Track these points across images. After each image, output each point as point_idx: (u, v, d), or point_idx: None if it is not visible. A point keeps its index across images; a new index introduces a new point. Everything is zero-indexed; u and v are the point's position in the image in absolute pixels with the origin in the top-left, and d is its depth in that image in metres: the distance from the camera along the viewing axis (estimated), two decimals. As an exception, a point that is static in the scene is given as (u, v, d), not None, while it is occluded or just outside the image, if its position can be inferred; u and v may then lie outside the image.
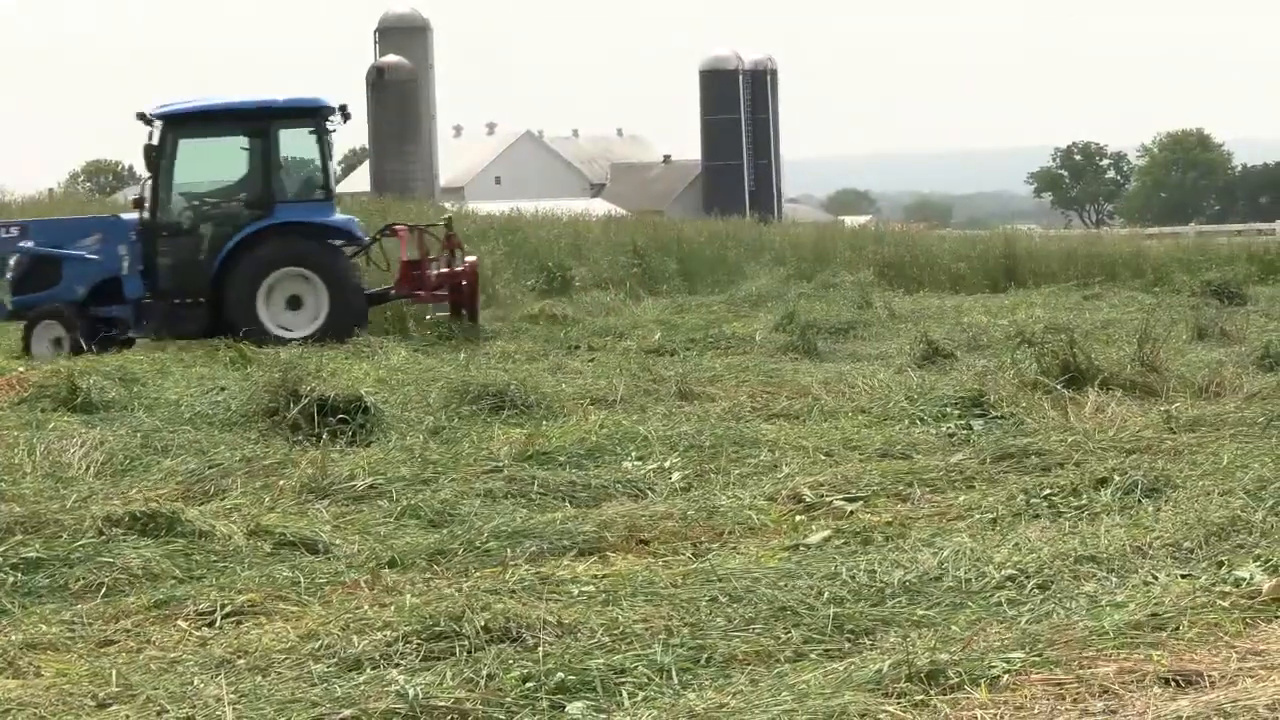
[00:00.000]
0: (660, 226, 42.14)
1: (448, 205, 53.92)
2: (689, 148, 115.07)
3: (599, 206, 70.59)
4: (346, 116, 23.63)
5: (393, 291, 23.51)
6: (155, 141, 22.50)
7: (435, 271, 23.40)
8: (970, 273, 34.82)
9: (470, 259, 23.90)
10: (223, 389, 15.42)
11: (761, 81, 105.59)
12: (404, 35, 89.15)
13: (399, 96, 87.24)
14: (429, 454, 12.21)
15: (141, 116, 22.66)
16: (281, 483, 11.27)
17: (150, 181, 23.02)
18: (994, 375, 14.95)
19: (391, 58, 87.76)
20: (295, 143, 23.94)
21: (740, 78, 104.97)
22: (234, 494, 11.05)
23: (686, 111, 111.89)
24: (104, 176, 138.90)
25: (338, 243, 23.24)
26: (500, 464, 11.72)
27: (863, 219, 75.10)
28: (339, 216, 23.64)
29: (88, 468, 11.90)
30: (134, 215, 23.12)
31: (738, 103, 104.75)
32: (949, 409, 13.50)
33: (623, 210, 66.89)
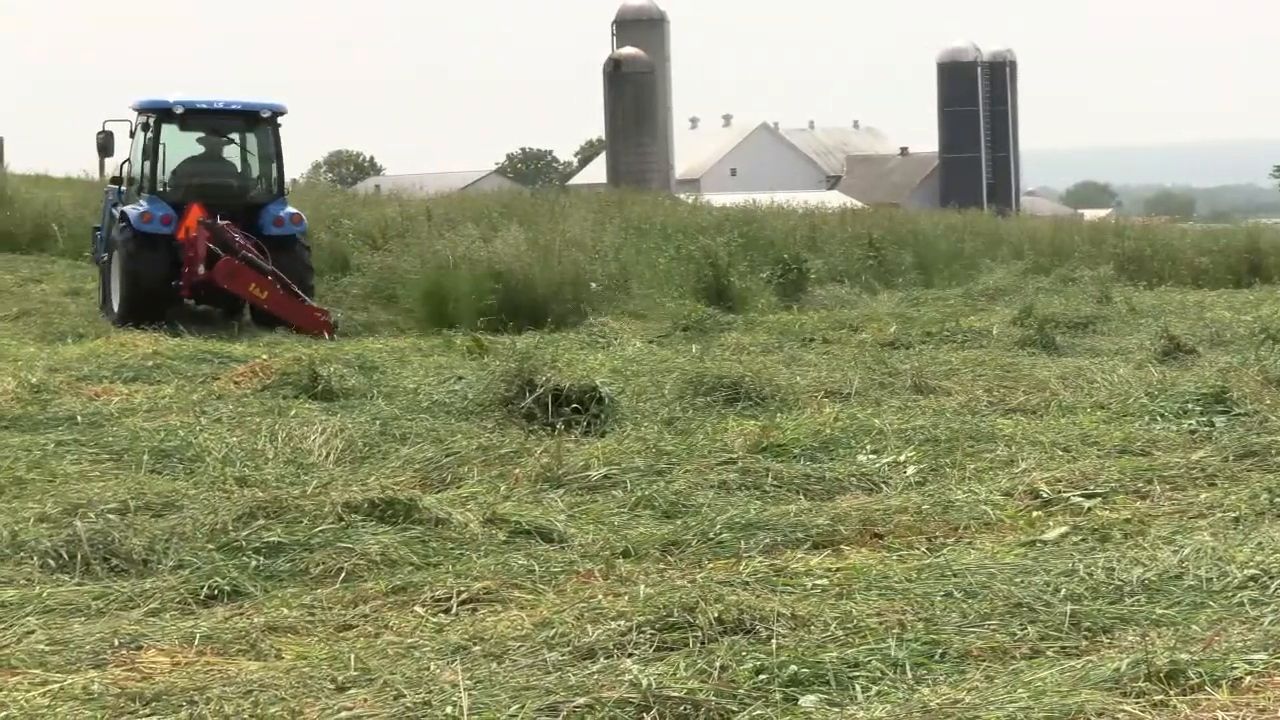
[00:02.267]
0: (896, 219, 41.87)
1: (683, 196, 54.11)
2: (926, 140, 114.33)
3: (835, 199, 70.36)
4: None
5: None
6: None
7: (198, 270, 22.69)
8: (1213, 267, 34.16)
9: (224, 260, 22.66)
10: (460, 378, 15.57)
11: (1000, 73, 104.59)
12: (641, 28, 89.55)
13: (635, 89, 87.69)
14: (663, 445, 12.23)
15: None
16: (517, 471, 11.37)
17: None
18: (1237, 372, 14.64)
19: (628, 50, 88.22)
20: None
21: (979, 69, 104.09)
22: (470, 482, 11.17)
23: (924, 103, 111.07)
24: (345, 167, 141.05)
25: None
26: (734, 456, 11.72)
27: (1102, 212, 74.15)
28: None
29: (328, 454, 12.09)
30: None
31: (976, 95, 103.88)
32: (1190, 405, 13.27)
33: (858, 202, 66.61)
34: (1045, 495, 10.31)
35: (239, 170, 24.65)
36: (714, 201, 47.79)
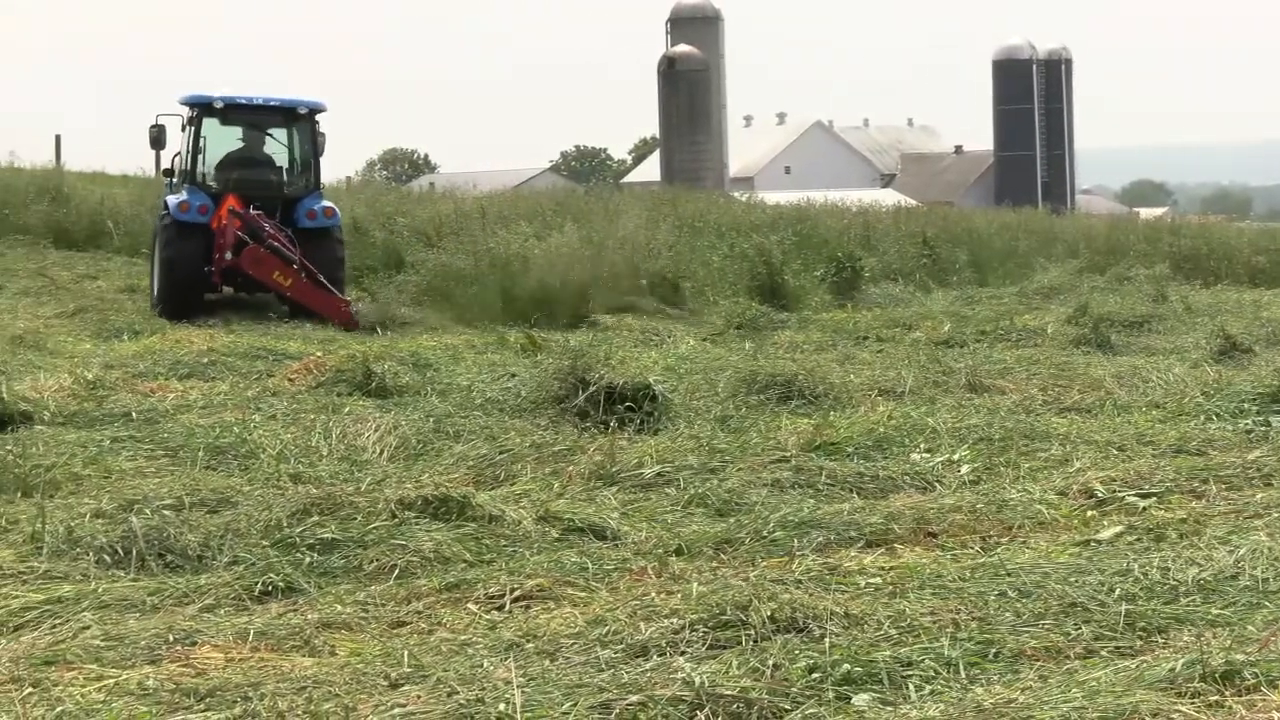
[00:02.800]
0: (951, 217, 41.79)
1: (737, 194, 54.08)
2: (981, 138, 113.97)
3: (889, 197, 70.20)
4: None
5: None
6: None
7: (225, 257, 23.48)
8: (1270, 266, 33.98)
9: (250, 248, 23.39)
10: (513, 375, 15.61)
11: (1056, 71, 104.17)
12: (695, 26, 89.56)
13: (690, 87, 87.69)
14: (716, 443, 12.23)
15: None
16: (570, 469, 11.38)
17: None
18: (1294, 371, 14.56)
19: (683, 48, 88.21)
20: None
21: (1034, 67, 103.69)
22: (523, 479, 11.19)
23: (979, 101, 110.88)
24: (400, 164, 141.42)
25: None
26: (788, 454, 11.70)
27: (1158, 211, 73.77)
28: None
29: (382, 451, 12.12)
30: None
31: (1031, 93, 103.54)
32: (1247, 405, 13.20)
33: (913, 201, 66.46)
34: (1100, 494, 10.26)
35: (277, 164, 25.37)
36: (768, 199, 47.79)
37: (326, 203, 24.77)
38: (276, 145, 25.49)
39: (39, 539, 9.17)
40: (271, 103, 25.19)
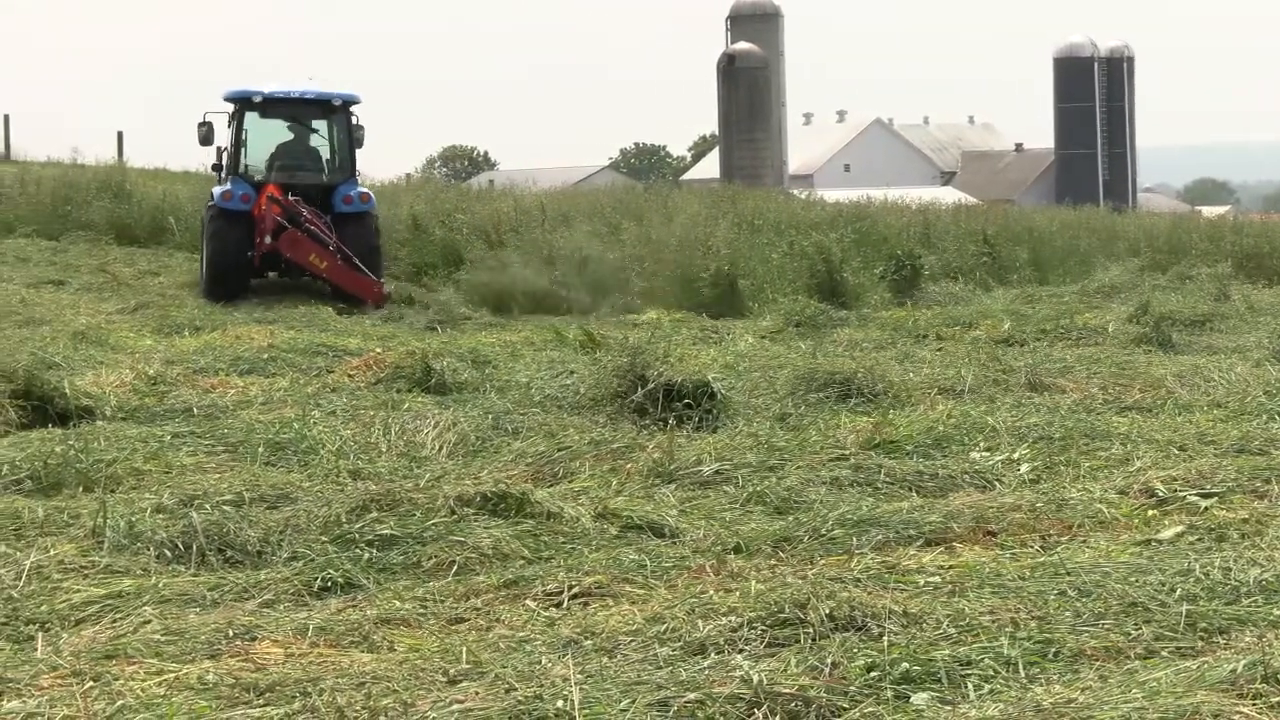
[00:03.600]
0: (1011, 215, 41.65)
1: (796, 192, 54.02)
2: (1042, 136, 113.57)
3: (949, 195, 70.01)
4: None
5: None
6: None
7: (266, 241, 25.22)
8: (1335, 265, 33.73)
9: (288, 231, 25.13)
10: (572, 372, 15.63)
11: (1117, 69, 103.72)
12: (755, 23, 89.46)
13: (749, 84, 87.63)
14: (775, 441, 12.22)
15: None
16: (629, 466, 11.38)
17: None
18: (1358, 370, 14.47)
19: (742, 45, 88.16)
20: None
21: (1095, 65, 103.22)
22: (582, 477, 11.20)
23: (1040, 99, 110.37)
24: (459, 162, 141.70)
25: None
26: (846, 452, 11.68)
27: (1220, 209, 73.30)
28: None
29: (441, 448, 12.15)
30: None
31: (1092, 91, 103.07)
32: (1310, 404, 13.12)
33: (973, 199, 66.26)
34: (1161, 494, 10.20)
35: (314, 154, 27.22)
36: (827, 197, 47.73)
37: (362, 189, 26.50)
38: (316, 137, 27.18)
39: (100, 533, 9.22)
40: (308, 95, 26.85)
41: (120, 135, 52.54)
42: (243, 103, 26.60)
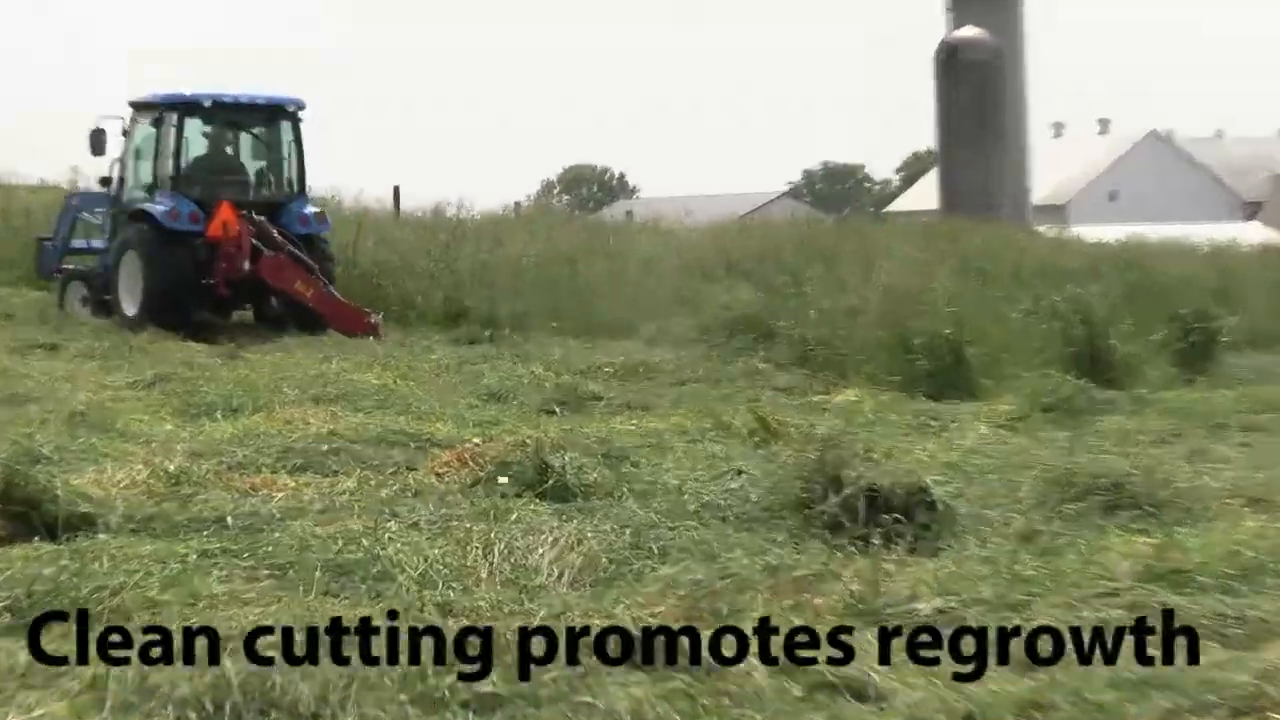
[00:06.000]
0: (1340, 261, 41.35)
1: (1043, 228, 53.89)
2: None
3: (1254, 233, 69.66)
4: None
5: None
6: None
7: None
8: None
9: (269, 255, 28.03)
10: (740, 472, 15.60)
11: None
12: (986, 4, 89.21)
13: (978, 83, 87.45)
14: (1019, 568, 12.10)
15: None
16: (818, 601, 11.30)
17: None
18: None
19: (969, 31, 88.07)
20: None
21: None
22: (754, 614, 11.10)
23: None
24: (586, 186, 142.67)
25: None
26: (1117, 584, 11.55)
27: None
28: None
29: (560, 574, 12.12)
30: None
31: None
32: None
33: (1286, 238, 65.81)
34: None
35: (263, 167, 30.21)
36: (1086, 235, 47.60)
37: (315, 208, 29.70)
38: (260, 147, 30.28)
39: (101, 687, 9.23)
40: (257, 100, 29.77)
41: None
42: (183, 107, 29.42)
